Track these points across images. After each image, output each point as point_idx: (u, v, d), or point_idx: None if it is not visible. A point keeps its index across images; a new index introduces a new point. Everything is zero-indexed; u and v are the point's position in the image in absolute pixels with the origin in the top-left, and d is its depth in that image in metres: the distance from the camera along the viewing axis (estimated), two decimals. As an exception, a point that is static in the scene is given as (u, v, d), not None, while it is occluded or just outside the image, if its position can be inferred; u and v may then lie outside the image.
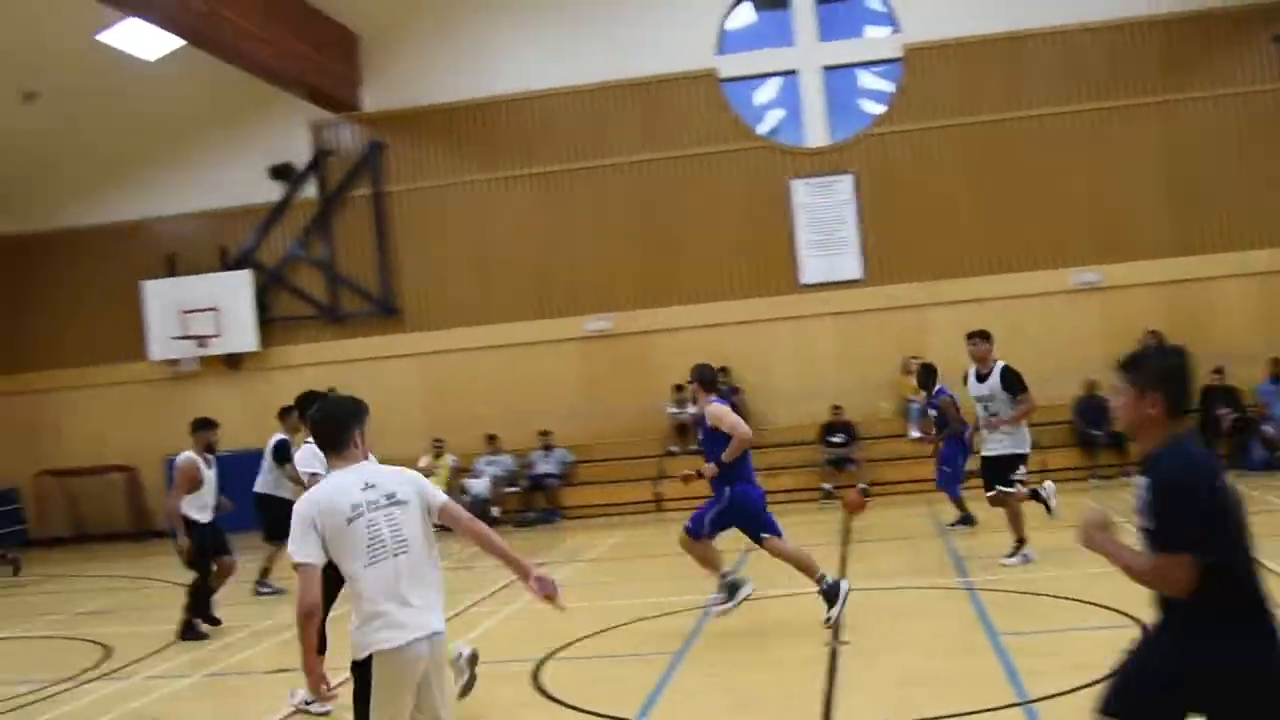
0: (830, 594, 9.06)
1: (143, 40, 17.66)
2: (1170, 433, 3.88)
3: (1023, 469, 11.36)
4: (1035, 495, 11.66)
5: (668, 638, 9.20)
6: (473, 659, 7.59)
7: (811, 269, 19.89)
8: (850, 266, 19.82)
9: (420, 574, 4.99)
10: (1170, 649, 3.86)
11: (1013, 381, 11.20)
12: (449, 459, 19.49)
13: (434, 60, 20.79)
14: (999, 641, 8.20)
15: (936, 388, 14.27)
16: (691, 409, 19.37)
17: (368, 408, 5.38)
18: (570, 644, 9.24)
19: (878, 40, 20.30)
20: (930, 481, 14.91)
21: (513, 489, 19.15)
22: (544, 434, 19.31)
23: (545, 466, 19.16)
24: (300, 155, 21.28)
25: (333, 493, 5.00)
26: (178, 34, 16.81)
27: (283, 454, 12.85)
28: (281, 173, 21.20)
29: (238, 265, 21.34)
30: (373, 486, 5.02)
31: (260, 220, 21.49)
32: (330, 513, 4.92)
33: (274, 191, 21.37)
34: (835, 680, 7.55)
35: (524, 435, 19.62)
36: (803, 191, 19.92)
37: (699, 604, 9.97)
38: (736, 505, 9.37)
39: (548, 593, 5.20)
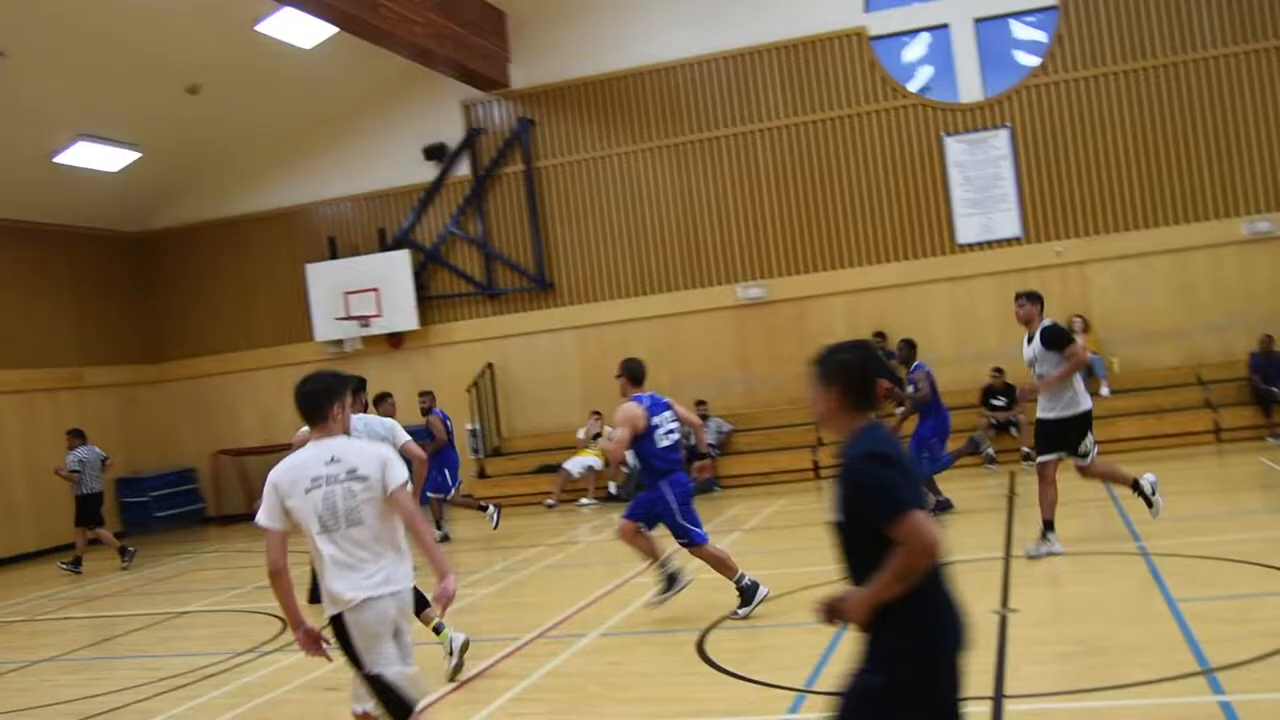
0: (749, 593, 9.16)
1: (299, 29, 18.09)
2: (853, 425, 3.92)
3: (1090, 439, 10.29)
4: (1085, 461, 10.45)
5: (832, 606, 9.12)
6: (464, 646, 8.08)
7: (968, 228, 19.46)
8: (1008, 224, 19.33)
9: (375, 543, 5.39)
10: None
11: (1053, 337, 10.27)
12: (607, 431, 19.65)
13: (580, 34, 20.88)
14: (1177, 608, 7.92)
15: (915, 363, 14.10)
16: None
17: (351, 381, 5.80)
18: (733, 614, 9.24)
19: (1032, -12, 19.69)
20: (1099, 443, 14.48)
21: (671, 459, 19.21)
22: (700, 403, 19.31)
23: (705, 437, 19.16)
24: (453, 135, 21.61)
25: (298, 464, 5.47)
26: (332, 21, 17.16)
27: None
28: (435, 153, 21.57)
29: (396, 245, 21.83)
30: (337, 461, 5.42)
31: (416, 200, 21.92)
32: (293, 482, 5.40)
33: (428, 172, 21.76)
34: (1005, 649, 7.40)
35: (681, 405, 19.61)
36: (957, 149, 19.48)
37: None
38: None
39: (442, 602, 5.52)
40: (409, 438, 9.65)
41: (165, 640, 11.54)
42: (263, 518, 5.43)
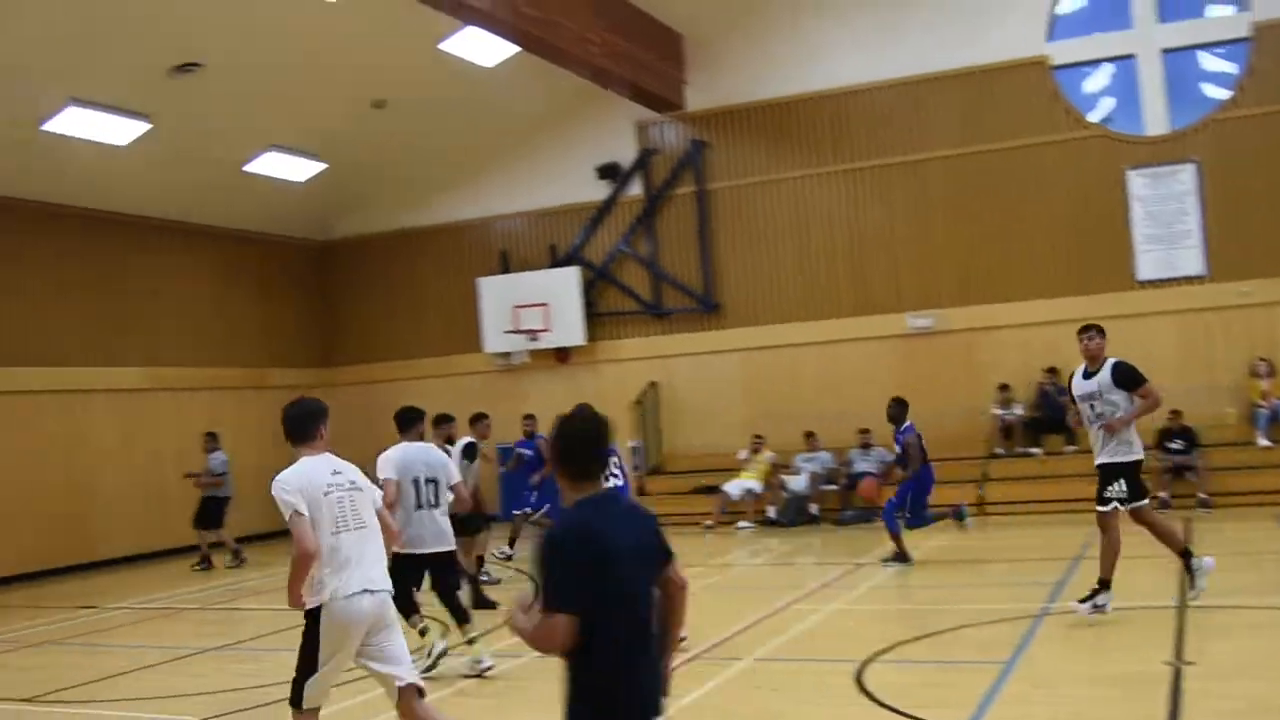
0: None
1: (481, 47, 18.49)
2: (571, 497, 4.04)
3: (1119, 486, 9.50)
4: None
5: (996, 645, 8.94)
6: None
7: (1149, 264, 18.88)
8: (1192, 261, 18.70)
9: (372, 546, 6.29)
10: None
11: (1127, 376, 9.74)
12: (767, 455, 19.60)
13: (755, 57, 20.92)
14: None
15: (905, 424, 13.97)
16: (1013, 409, 18.82)
17: (328, 408, 6.54)
18: (893, 647, 9.13)
19: (1223, 19, 19.02)
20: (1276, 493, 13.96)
21: (831, 486, 19.05)
22: (863, 432, 19.09)
23: (864, 465, 18.95)
24: (626, 155, 21.85)
25: (310, 472, 6.20)
26: (513, 40, 17.51)
27: (472, 453, 14.14)
28: (608, 172, 21.85)
29: (566, 262, 22.15)
30: (339, 473, 6.30)
31: (588, 218, 22.22)
32: (310, 486, 6.11)
33: (601, 190, 22.05)
34: (1180, 703, 7.14)
35: (843, 433, 19.48)
36: (1139, 182, 18.92)
37: (1029, 611, 9.65)
38: None
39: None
40: (459, 479, 10.10)
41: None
42: (301, 507, 6.06)
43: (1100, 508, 9.60)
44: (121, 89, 17.16)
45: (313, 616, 6.13)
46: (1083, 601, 9.53)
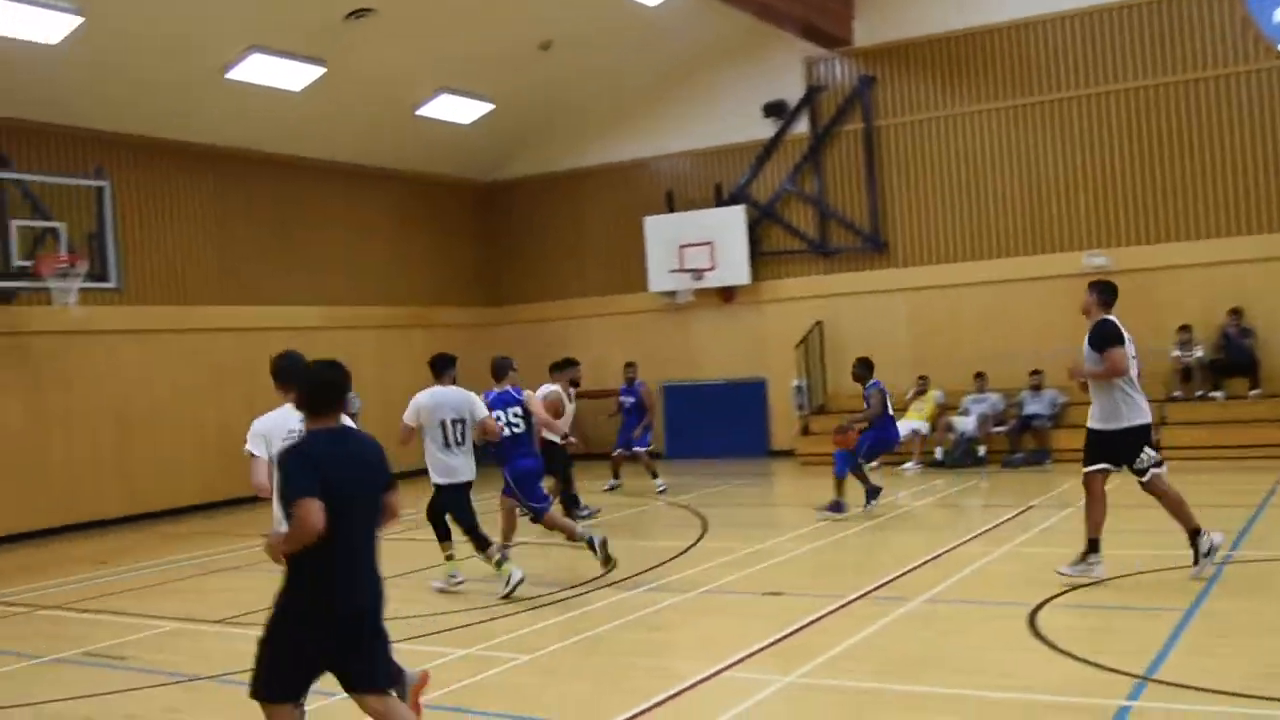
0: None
1: (648, -15, 18.46)
2: (314, 427, 5.26)
3: (1147, 452, 9.19)
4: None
5: (1175, 592, 8.70)
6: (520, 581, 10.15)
7: (1345, 200, 17.97)
8: (1393, 197, 17.73)
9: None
10: None
11: (1097, 336, 9.41)
12: (935, 395, 19.34)
13: (927, -11, 20.45)
14: None
15: (871, 381, 14.40)
16: (1193, 351, 18.17)
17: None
18: (1067, 591, 8.96)
19: None
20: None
21: (1000, 429, 18.69)
22: (1034, 373, 18.67)
23: (1034, 407, 18.56)
24: (793, 92, 21.59)
25: (278, 420, 7.56)
26: (680, -23, 17.43)
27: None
28: (774, 110, 21.63)
29: (732, 201, 22.07)
30: (294, 431, 6.96)
31: (754, 157, 22.07)
32: (274, 430, 7.46)
33: (767, 129, 21.85)
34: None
35: (1013, 374, 19.08)
36: (1336, 114, 17.99)
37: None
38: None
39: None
40: (486, 413, 11.12)
41: (486, 569, 12.13)
42: (255, 448, 7.63)
43: (1086, 467, 9.57)
44: (298, 36, 17.61)
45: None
46: (1071, 566, 9.31)
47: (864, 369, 14.62)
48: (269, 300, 20.51)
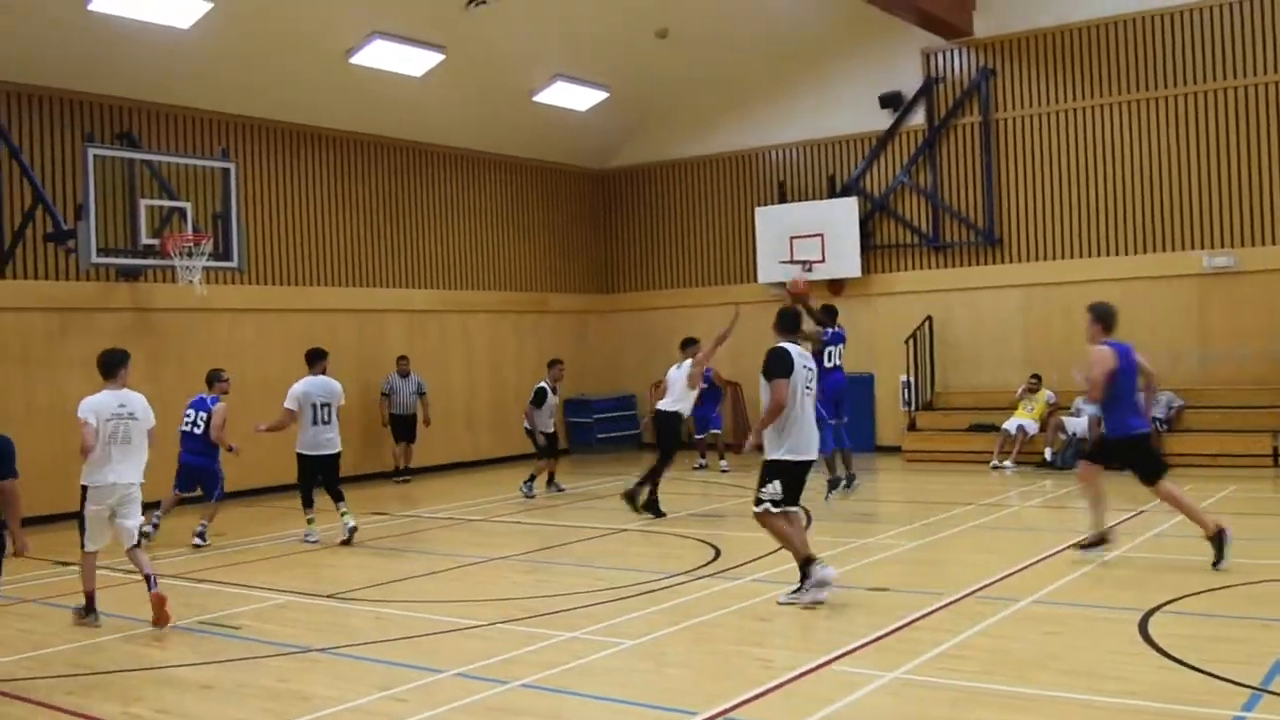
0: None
1: (766, -25, 18.40)
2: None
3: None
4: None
5: (1292, 604, 8.51)
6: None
7: None
8: None
9: (136, 456, 9.45)
10: None
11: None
12: (1046, 394, 19.04)
13: (1050, -19, 20.08)
14: None
15: (834, 329, 15.33)
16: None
17: (129, 356, 9.73)
18: (1180, 598, 8.80)
19: None
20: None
21: (1113, 430, 18.32)
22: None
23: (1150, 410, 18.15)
24: (910, 83, 21.36)
25: (104, 400, 9.33)
26: (798, -33, 17.35)
27: (540, 398, 17.14)
28: (891, 101, 21.41)
29: (844, 193, 21.93)
30: (123, 405, 9.39)
31: (868, 148, 21.89)
32: (101, 410, 9.26)
33: (882, 120, 21.65)
34: None
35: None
36: None
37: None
38: None
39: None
40: (343, 402, 13.97)
41: (607, 554, 12.28)
42: (85, 415, 9.22)
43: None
44: (420, 22, 17.89)
45: (83, 492, 9.34)
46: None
47: (829, 316, 15.57)
48: (385, 283, 20.88)
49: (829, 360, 14.96)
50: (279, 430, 13.71)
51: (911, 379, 20.80)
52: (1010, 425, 18.76)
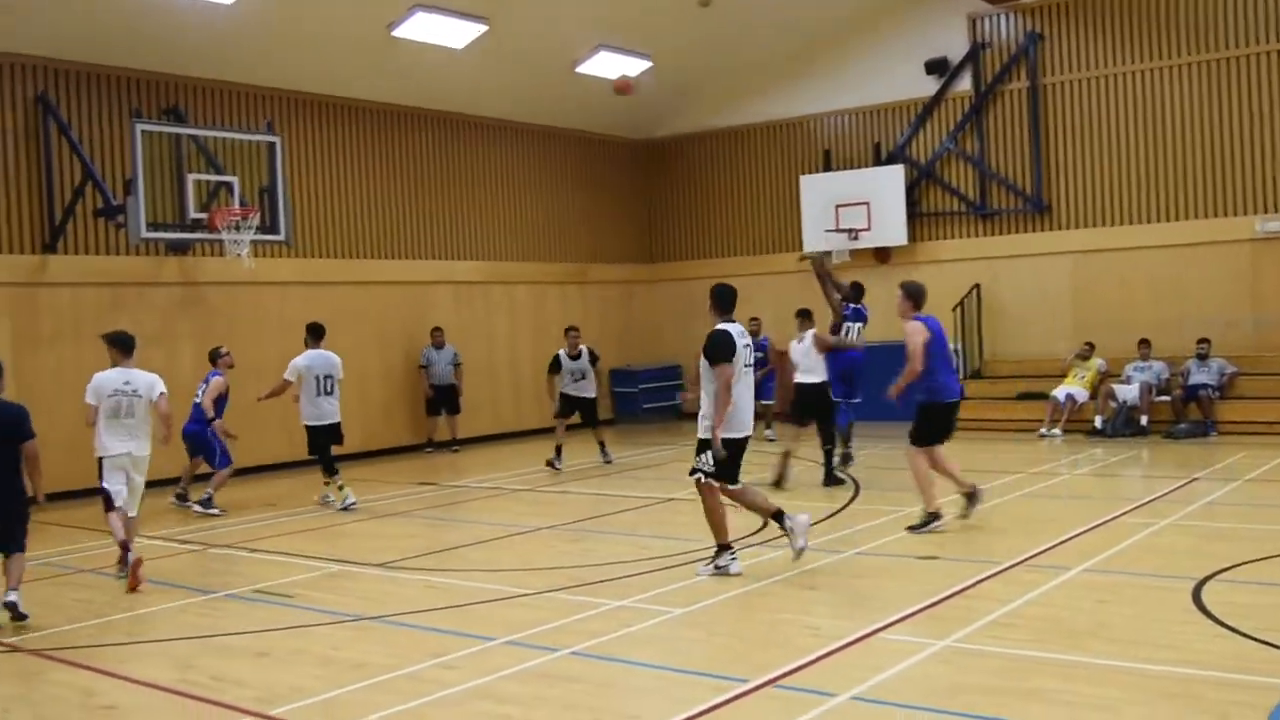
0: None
1: (809, -59, 18.22)
2: None
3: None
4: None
5: (1350, 572, 8.41)
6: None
7: None
8: None
9: (140, 428, 10.23)
10: None
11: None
12: (1097, 362, 18.86)
13: (1100, -58, 19.78)
14: None
15: (856, 305, 15.17)
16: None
17: (135, 339, 10.53)
18: (1234, 566, 8.72)
19: None
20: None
21: (1164, 398, 18.14)
22: (1201, 342, 18.08)
23: (1201, 376, 17.96)
24: (956, 49, 21.13)
25: (110, 378, 10.20)
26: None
27: (555, 366, 17.15)
28: (936, 67, 21.19)
29: (890, 160, 21.76)
30: (128, 383, 10.20)
31: (913, 115, 21.71)
32: (103, 388, 10.16)
33: (928, 86, 21.45)
34: None
35: (1179, 342, 18.51)
36: None
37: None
38: None
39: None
40: (342, 376, 14.30)
41: (654, 523, 12.31)
42: (91, 399, 10.15)
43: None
44: (462, -8, 17.86)
45: (99, 463, 10.17)
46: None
47: (856, 292, 15.52)
48: (430, 255, 20.95)
49: (846, 335, 14.79)
50: (277, 396, 14.38)
51: (959, 347, 20.65)
52: (1060, 393, 18.61)
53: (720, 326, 9.51)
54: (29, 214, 15.91)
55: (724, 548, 9.31)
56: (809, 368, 14.12)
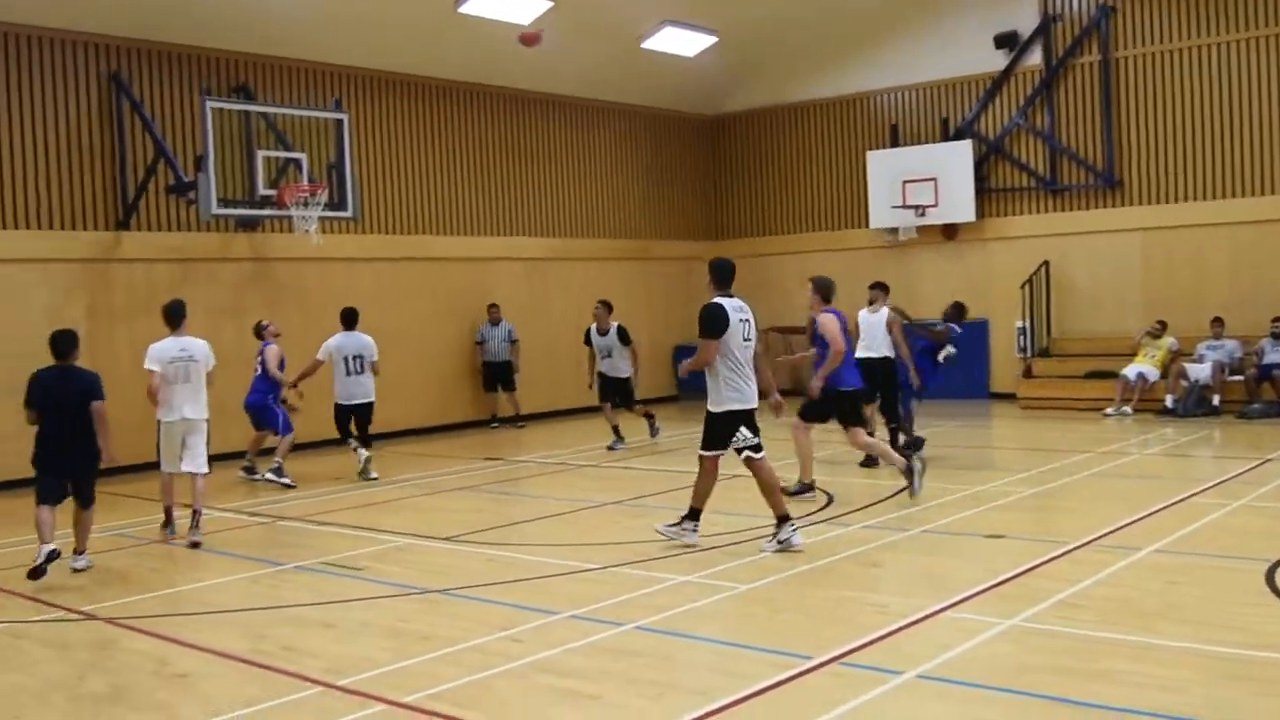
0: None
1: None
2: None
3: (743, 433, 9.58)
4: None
5: None
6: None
7: None
8: None
9: (197, 394, 10.82)
10: None
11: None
12: (1169, 341, 18.57)
13: (1175, -88, 19.38)
14: None
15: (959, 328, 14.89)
16: None
17: (186, 308, 11.26)
18: (1310, 548, 8.58)
19: None
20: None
21: (1237, 377, 17.84)
22: (1276, 320, 17.73)
23: (1275, 356, 17.62)
24: (1026, 23, 20.83)
25: (166, 346, 10.80)
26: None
27: (625, 337, 16.93)
28: (1006, 41, 20.91)
29: (958, 136, 21.52)
30: (184, 350, 10.84)
31: (982, 90, 21.44)
32: (163, 356, 10.72)
33: (997, 61, 21.17)
34: None
35: (1254, 320, 18.18)
36: None
37: None
38: None
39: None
40: (376, 357, 14.91)
41: (718, 499, 12.21)
42: (151, 365, 10.71)
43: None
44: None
45: (157, 426, 10.86)
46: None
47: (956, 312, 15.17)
48: (495, 232, 21.04)
49: (945, 361, 14.60)
50: (310, 376, 14.79)
51: (1027, 325, 20.44)
52: (1130, 372, 18.36)
53: (716, 300, 9.59)
54: (103, 191, 16.17)
55: (783, 519, 9.31)
56: (872, 343, 13.88)
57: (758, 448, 9.40)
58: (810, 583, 8.36)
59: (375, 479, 14.34)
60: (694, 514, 9.65)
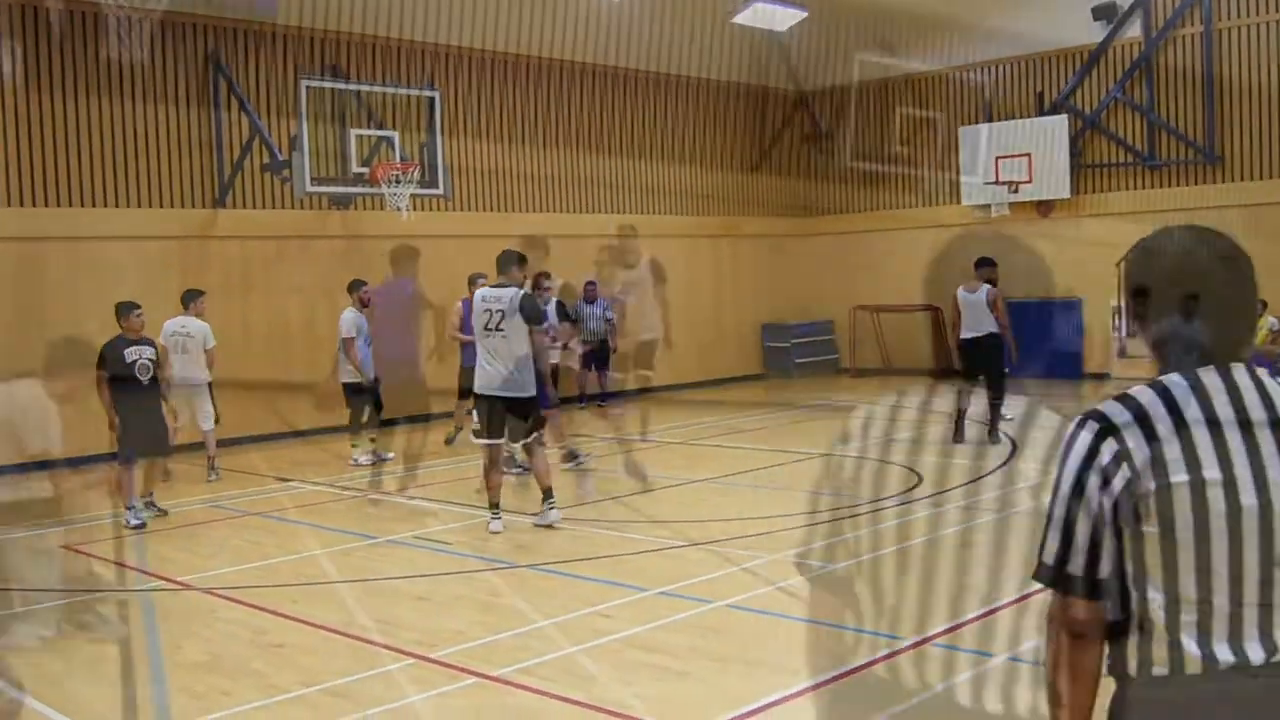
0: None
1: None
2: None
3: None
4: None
5: None
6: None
7: None
8: None
9: (194, 363, 12.26)
10: None
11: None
12: (1270, 321, 18.09)
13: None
14: None
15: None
16: None
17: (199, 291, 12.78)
18: None
19: None
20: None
21: (1344, 357, 17.38)
22: (1385, 299, 17.22)
23: (1385, 335, 17.15)
24: (1126, -7, 20.41)
25: (169, 324, 12.14)
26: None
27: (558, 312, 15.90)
28: (1104, 12, 20.43)
29: (1053, 110, 21.12)
30: (183, 327, 12.29)
31: (1079, 64, 21.01)
32: (164, 331, 11.97)
33: (1095, 33, 20.70)
34: None
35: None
36: None
37: None
38: None
39: None
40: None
41: (810, 478, 12.22)
42: (165, 343, 11.85)
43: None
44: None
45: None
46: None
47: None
48: (585, 209, 21.07)
49: None
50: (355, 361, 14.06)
51: (1123, 304, 20.02)
52: (1228, 353, 17.92)
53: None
54: (200, 170, 16.45)
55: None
56: (974, 322, 13.77)
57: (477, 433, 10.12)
58: (902, 563, 8.27)
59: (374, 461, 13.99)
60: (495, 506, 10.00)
